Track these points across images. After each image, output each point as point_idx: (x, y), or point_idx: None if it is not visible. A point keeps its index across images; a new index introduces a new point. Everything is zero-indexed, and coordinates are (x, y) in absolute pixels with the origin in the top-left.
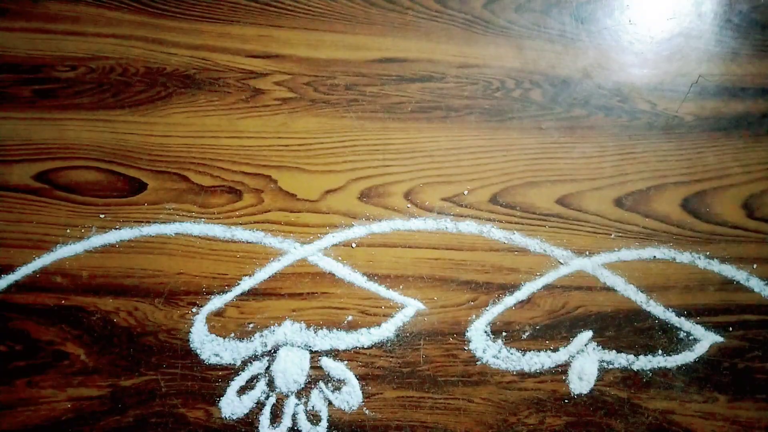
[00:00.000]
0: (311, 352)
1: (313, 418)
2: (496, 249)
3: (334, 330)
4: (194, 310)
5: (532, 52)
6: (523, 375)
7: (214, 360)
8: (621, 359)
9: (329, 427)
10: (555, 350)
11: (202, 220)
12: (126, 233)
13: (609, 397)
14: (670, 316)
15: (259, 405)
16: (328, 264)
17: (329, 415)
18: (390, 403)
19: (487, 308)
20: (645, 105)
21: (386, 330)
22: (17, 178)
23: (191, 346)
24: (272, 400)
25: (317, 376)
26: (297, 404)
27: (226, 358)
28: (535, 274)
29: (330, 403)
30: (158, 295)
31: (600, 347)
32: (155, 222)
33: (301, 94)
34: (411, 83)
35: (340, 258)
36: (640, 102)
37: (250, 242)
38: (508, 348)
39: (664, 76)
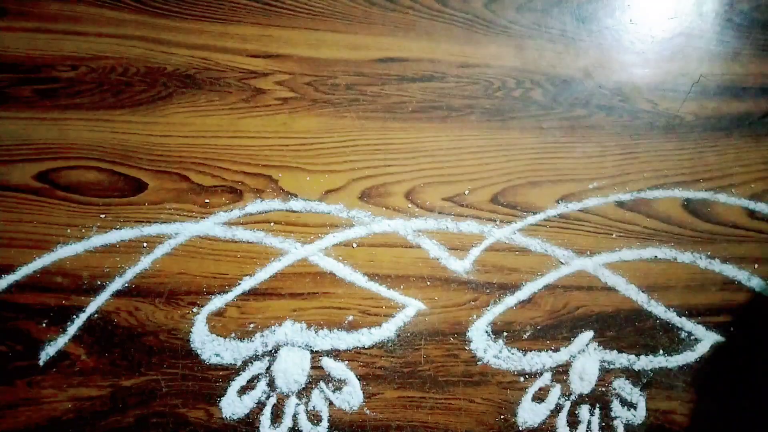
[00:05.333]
0: (312, 352)
1: (314, 418)
2: (497, 249)
3: (335, 330)
4: (195, 310)
5: (533, 52)
6: (524, 375)
7: (214, 360)
8: (622, 359)
9: (330, 427)
10: (556, 350)
11: (203, 220)
12: (126, 233)
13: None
14: (672, 316)
15: (260, 405)
16: (329, 264)
17: (330, 415)
18: (391, 403)
19: (488, 308)
20: (646, 105)
21: (387, 330)
22: (18, 178)
23: (192, 346)
24: (273, 400)
25: (318, 376)
26: (298, 404)
27: (227, 358)
28: (536, 273)
29: (331, 403)
30: (159, 295)
31: (601, 347)
32: (156, 222)
33: (301, 93)
34: (412, 83)
35: (340, 258)
36: (641, 101)
37: (250, 242)
38: (509, 348)
39: (666, 75)
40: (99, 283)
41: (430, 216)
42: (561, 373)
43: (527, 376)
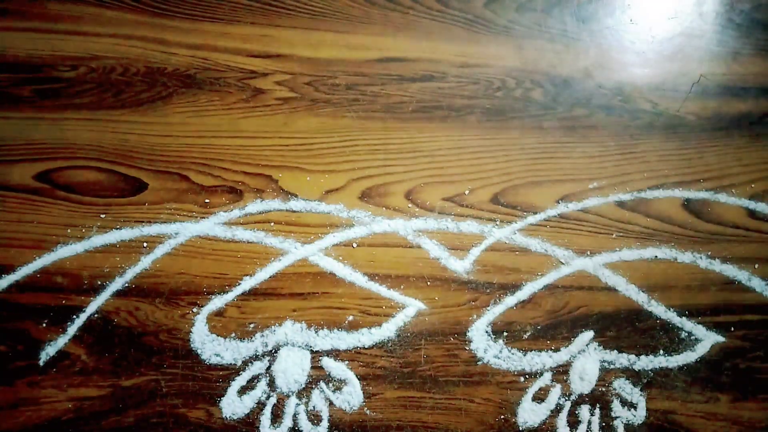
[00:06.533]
0: (312, 352)
1: (314, 418)
2: (497, 249)
3: (335, 330)
4: (195, 310)
5: (533, 52)
6: (524, 375)
7: (214, 360)
8: (622, 359)
9: (330, 427)
10: (556, 350)
11: (203, 220)
12: (126, 233)
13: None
14: (672, 316)
15: (260, 405)
16: (329, 264)
17: (330, 415)
18: (391, 403)
19: (488, 308)
20: (646, 104)
21: (387, 330)
22: (18, 178)
23: (192, 346)
24: (273, 400)
25: (318, 376)
26: (298, 404)
27: (227, 358)
28: (536, 273)
29: (331, 403)
30: (159, 295)
31: (601, 347)
32: (156, 222)
33: (301, 93)
34: (412, 83)
35: (340, 258)
36: (641, 101)
37: (250, 242)
38: (509, 348)
39: (666, 75)
40: (99, 283)
41: (430, 216)
42: (561, 373)
43: (527, 376)
